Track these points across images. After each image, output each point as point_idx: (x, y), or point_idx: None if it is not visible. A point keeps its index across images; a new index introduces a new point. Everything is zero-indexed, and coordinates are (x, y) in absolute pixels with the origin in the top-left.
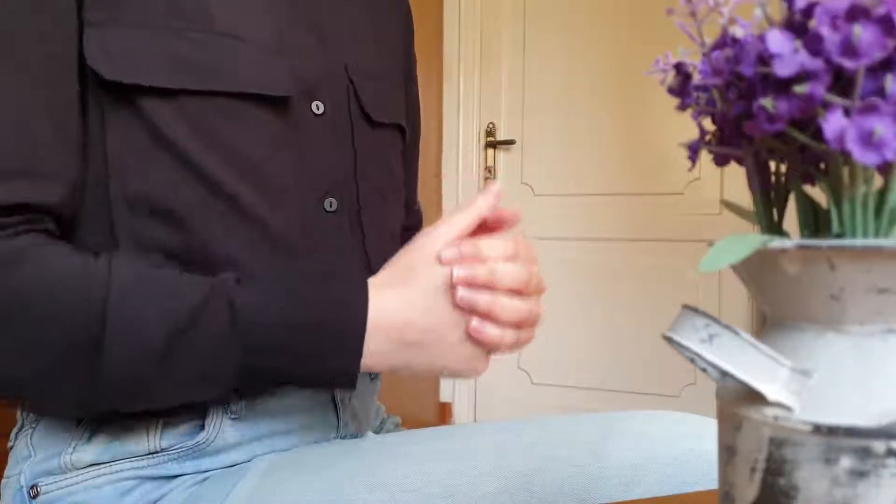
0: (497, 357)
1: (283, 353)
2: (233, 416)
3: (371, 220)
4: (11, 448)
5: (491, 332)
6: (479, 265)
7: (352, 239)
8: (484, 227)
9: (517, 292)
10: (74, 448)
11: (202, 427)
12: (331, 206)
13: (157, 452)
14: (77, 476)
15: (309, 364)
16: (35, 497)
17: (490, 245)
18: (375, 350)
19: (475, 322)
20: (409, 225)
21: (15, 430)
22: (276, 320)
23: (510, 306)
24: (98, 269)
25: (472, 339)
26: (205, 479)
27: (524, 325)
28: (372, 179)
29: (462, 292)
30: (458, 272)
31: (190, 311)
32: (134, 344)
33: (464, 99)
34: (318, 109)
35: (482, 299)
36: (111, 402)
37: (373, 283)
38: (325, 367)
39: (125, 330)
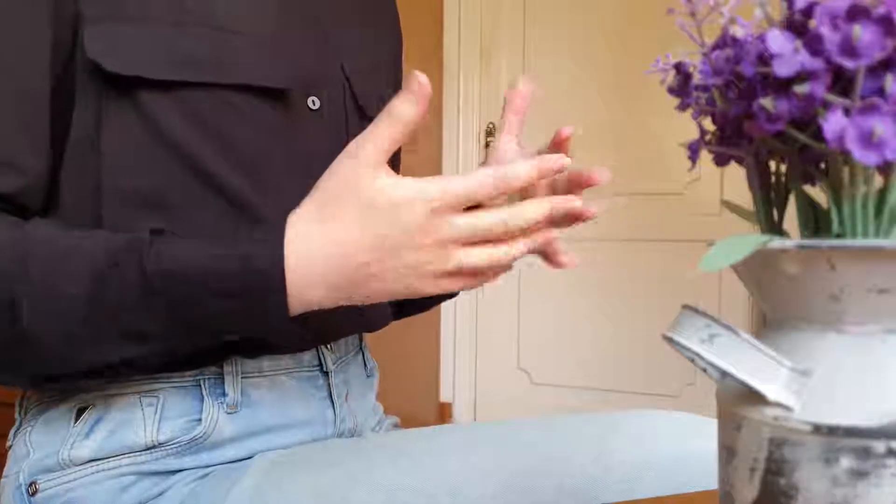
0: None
1: (200, 305)
2: (229, 411)
3: None
4: (10, 448)
5: (477, 259)
6: (493, 219)
7: None
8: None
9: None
10: (72, 444)
11: (199, 421)
12: None
13: (155, 447)
14: (75, 472)
15: (238, 319)
16: (34, 494)
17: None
18: (315, 296)
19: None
20: None
21: (13, 429)
22: (189, 272)
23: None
24: (16, 233)
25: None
26: (205, 477)
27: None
28: None
29: (463, 256)
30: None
31: (101, 269)
32: (50, 304)
33: (464, 99)
34: (314, 105)
35: (479, 260)
36: (41, 363)
37: (294, 223)
38: (257, 322)
39: (40, 292)
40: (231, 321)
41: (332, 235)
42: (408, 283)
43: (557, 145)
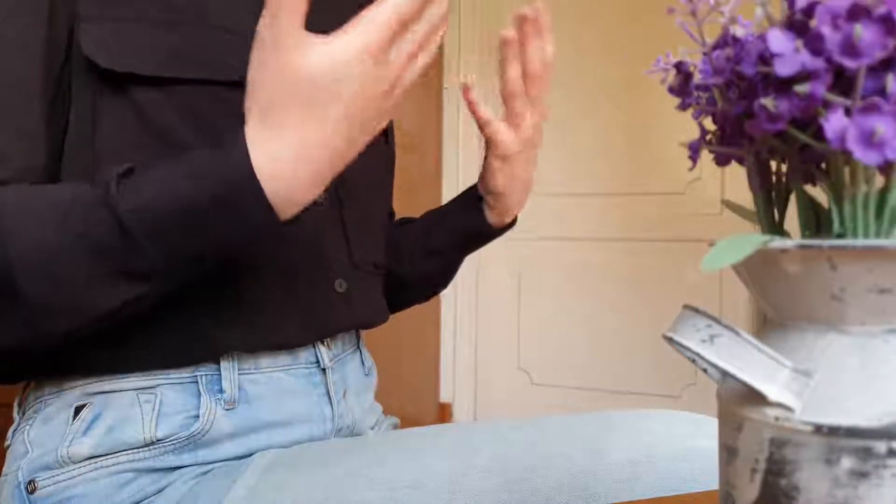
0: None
1: (194, 239)
2: (227, 407)
3: (355, 216)
4: (8, 446)
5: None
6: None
7: (337, 232)
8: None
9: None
10: (70, 442)
11: (197, 417)
12: (319, 199)
13: (152, 444)
14: (74, 470)
15: (227, 237)
16: (33, 492)
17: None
18: (294, 185)
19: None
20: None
21: (12, 428)
22: (164, 216)
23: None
24: None
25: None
26: (204, 474)
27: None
28: (358, 176)
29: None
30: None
31: (78, 229)
32: (32, 260)
33: (464, 99)
34: None
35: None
36: (45, 318)
37: (252, 143)
38: (248, 233)
39: (22, 252)
40: (223, 244)
41: (298, 136)
42: (371, 114)
43: (521, 25)
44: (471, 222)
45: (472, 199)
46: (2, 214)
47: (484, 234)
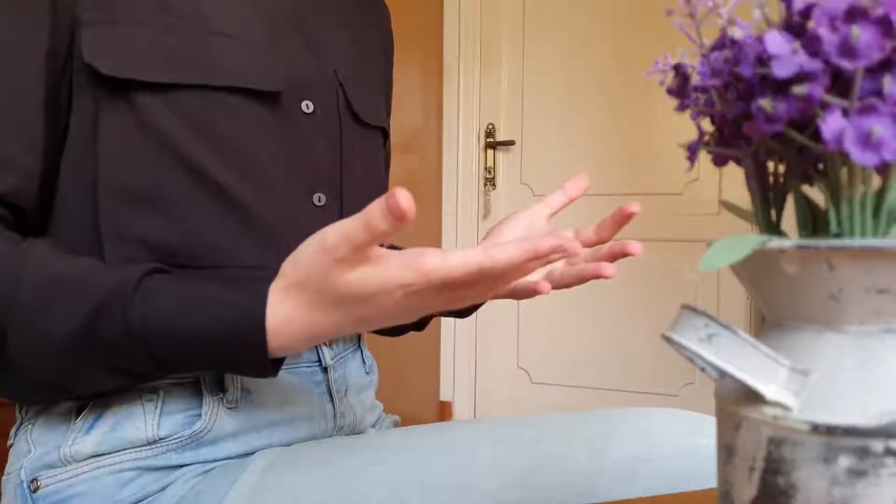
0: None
1: (188, 360)
2: (229, 406)
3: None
4: (11, 445)
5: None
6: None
7: None
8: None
9: None
10: (73, 441)
11: (199, 416)
12: (319, 201)
13: (155, 442)
14: (77, 468)
15: (219, 367)
16: (35, 491)
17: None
18: (288, 347)
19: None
20: None
21: (14, 427)
22: (171, 332)
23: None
24: (12, 254)
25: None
26: (206, 473)
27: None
28: (358, 178)
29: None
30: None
31: (86, 319)
32: (36, 345)
33: (464, 99)
34: (307, 108)
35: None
36: (23, 393)
37: (274, 301)
38: (237, 370)
39: (27, 333)
40: (214, 367)
41: (311, 320)
42: (394, 321)
43: (617, 222)
44: None
45: None
46: (20, 282)
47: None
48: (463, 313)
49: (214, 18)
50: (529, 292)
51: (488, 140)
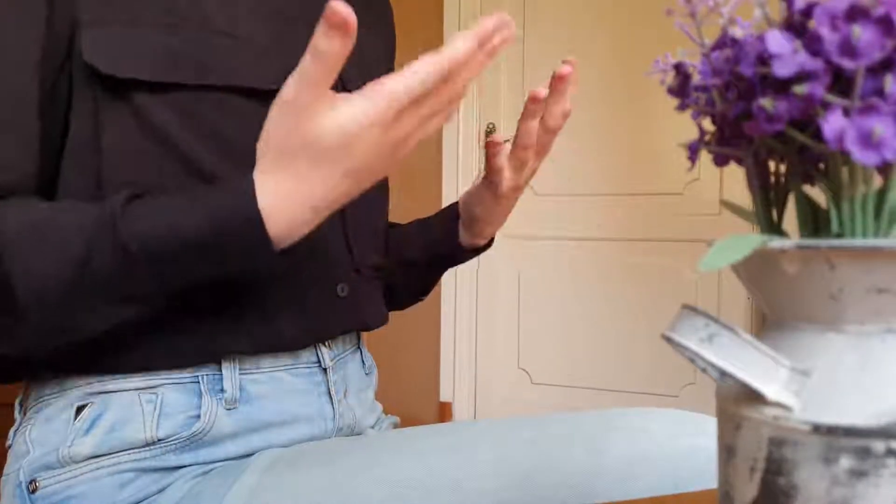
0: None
1: (189, 266)
2: (228, 407)
3: (356, 217)
4: (10, 446)
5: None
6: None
7: (339, 236)
8: None
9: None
10: (72, 442)
11: (198, 417)
12: None
13: (154, 443)
14: (76, 469)
15: (224, 268)
16: (34, 492)
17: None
18: (293, 224)
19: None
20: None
21: (13, 428)
22: (166, 237)
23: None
24: None
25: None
26: (205, 474)
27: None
28: None
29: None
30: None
31: (80, 247)
32: (35, 285)
33: (464, 99)
34: None
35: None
36: (32, 343)
37: (260, 180)
38: (244, 266)
39: (25, 275)
40: (223, 275)
41: (301, 187)
42: (378, 169)
43: (556, 83)
44: (444, 239)
45: (450, 217)
46: (2, 242)
47: (454, 253)
48: (479, 249)
49: (215, 18)
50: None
51: (488, 140)
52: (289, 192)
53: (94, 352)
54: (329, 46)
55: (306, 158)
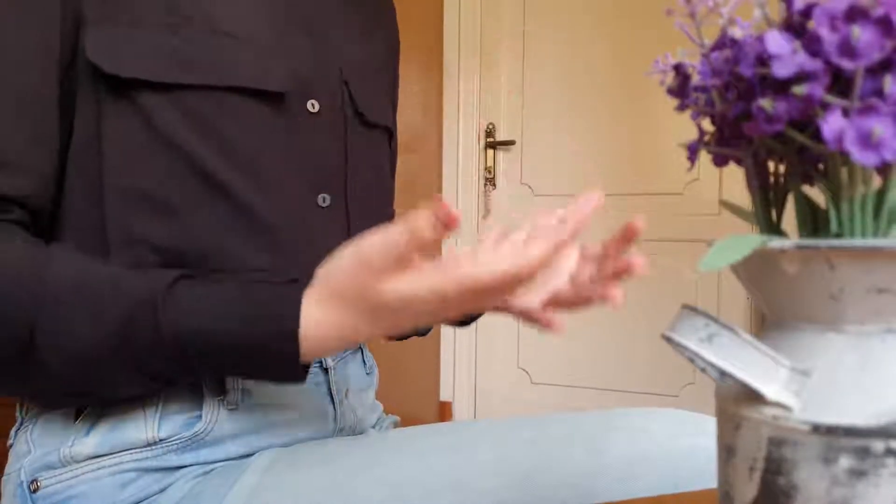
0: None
1: (219, 366)
2: (230, 407)
3: (360, 218)
4: (11, 446)
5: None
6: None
7: (342, 236)
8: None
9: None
10: (73, 441)
11: (199, 417)
12: (324, 202)
13: (155, 444)
14: (77, 469)
15: (249, 374)
16: (35, 491)
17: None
18: (324, 351)
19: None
20: None
21: (14, 427)
22: (203, 337)
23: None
24: (35, 271)
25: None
26: (206, 474)
27: None
28: (363, 178)
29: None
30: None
31: (118, 324)
32: (66, 349)
33: (464, 99)
34: (312, 108)
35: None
36: (49, 398)
37: (308, 305)
38: (267, 376)
39: (56, 336)
40: (246, 376)
41: (343, 325)
42: (423, 322)
43: (624, 239)
44: None
45: None
46: (48, 284)
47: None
48: (466, 322)
49: (220, 18)
50: (592, 299)
51: (488, 140)
52: (331, 328)
53: None
54: (429, 234)
55: (360, 310)
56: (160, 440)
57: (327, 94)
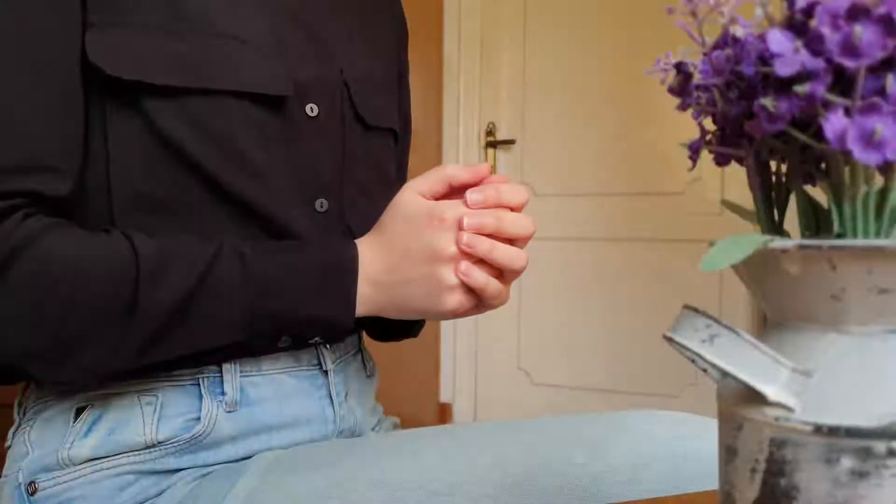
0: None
1: (287, 295)
2: (228, 409)
3: (359, 223)
4: (9, 447)
5: (478, 276)
6: (488, 214)
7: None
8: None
9: (515, 240)
10: (71, 444)
11: (198, 419)
12: (322, 207)
13: (154, 446)
14: (75, 471)
15: (309, 305)
16: (33, 493)
17: (510, 191)
18: (360, 293)
19: (464, 265)
20: None
21: (12, 429)
22: (280, 266)
23: (505, 253)
24: (121, 246)
25: (461, 281)
26: (204, 476)
27: (509, 272)
28: (361, 182)
29: (466, 237)
30: (469, 220)
31: (205, 262)
32: (162, 303)
33: (464, 99)
34: (311, 112)
35: (482, 246)
36: (133, 358)
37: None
38: (324, 308)
39: (154, 294)
40: (299, 319)
41: (381, 247)
42: (428, 291)
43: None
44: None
45: None
46: (149, 259)
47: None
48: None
49: (222, 21)
50: None
51: (489, 139)
52: (371, 254)
53: None
54: (455, 174)
55: (393, 222)
56: (159, 442)
57: (327, 97)
